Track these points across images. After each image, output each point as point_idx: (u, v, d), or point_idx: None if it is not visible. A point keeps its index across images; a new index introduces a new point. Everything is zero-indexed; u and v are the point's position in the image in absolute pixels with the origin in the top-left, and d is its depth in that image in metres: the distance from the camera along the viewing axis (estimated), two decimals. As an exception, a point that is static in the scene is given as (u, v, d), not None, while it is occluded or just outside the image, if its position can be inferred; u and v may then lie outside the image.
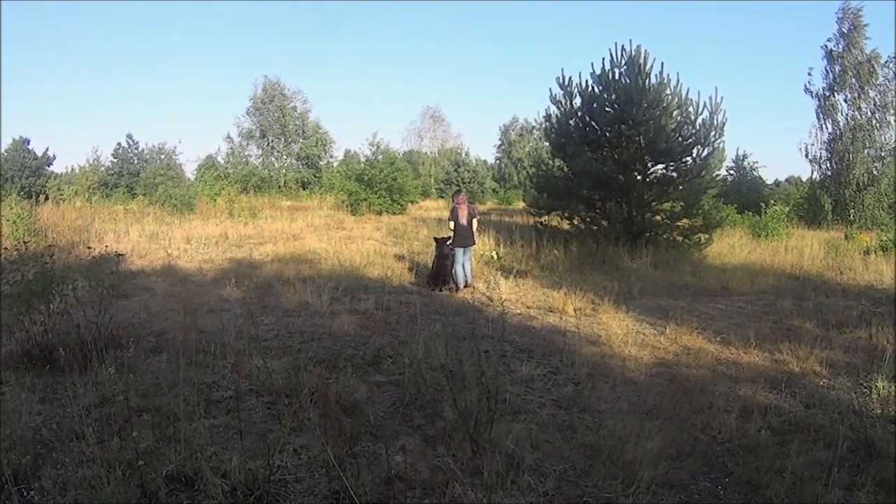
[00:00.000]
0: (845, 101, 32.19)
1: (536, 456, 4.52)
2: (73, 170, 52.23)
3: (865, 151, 31.54)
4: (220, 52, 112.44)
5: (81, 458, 4.22)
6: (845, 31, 31.95)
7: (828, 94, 32.55)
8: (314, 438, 4.54)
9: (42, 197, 31.31)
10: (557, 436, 4.97)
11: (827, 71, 32.69)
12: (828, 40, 32.68)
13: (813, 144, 33.39)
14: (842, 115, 32.34)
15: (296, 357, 6.51)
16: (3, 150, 45.15)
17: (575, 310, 9.82)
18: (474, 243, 12.56)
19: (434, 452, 4.49)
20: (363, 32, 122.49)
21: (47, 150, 48.51)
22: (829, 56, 32.51)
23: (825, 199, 32.02)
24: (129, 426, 4.31)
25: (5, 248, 8.14)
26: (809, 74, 33.58)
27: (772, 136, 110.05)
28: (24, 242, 8.32)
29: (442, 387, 5.36)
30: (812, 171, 34.49)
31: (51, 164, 49.09)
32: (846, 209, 31.34)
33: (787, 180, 60.73)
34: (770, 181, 52.11)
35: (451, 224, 12.24)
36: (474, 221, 12.40)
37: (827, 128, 32.82)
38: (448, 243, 12.02)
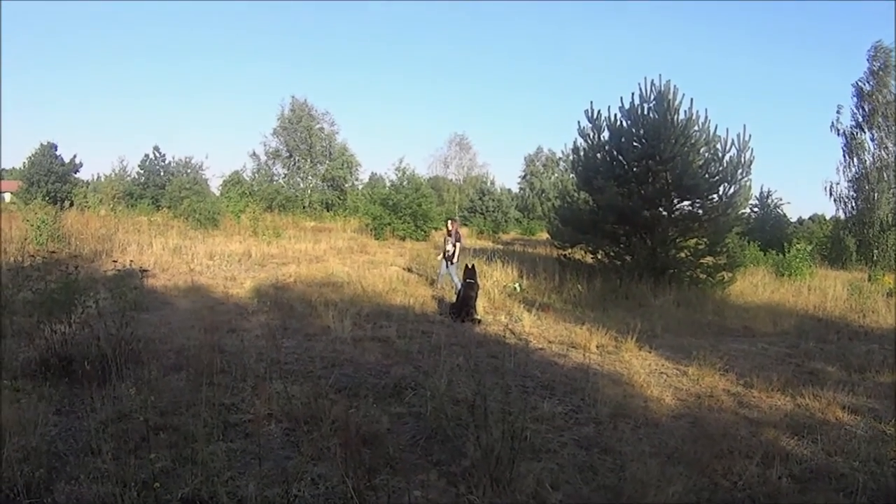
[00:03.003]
0: (872, 140, 31.91)
1: (557, 497, 4.41)
2: (98, 178, 52.86)
3: (891, 191, 31.19)
4: (250, 71, 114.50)
5: (96, 475, 4.18)
6: (875, 70, 31.71)
7: (856, 132, 32.28)
8: (333, 468, 4.47)
9: (67, 203, 31.65)
10: (578, 477, 4.85)
11: (856, 109, 32.45)
12: (859, 79, 32.52)
13: (838, 183, 33.11)
14: (868, 154, 32.06)
15: (316, 383, 6.43)
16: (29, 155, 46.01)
17: (597, 346, 9.71)
18: None
19: (455, 490, 4.39)
20: (393, 58, 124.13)
21: (75, 156, 49.06)
22: (860, 94, 32.26)
23: (848, 240, 31.61)
24: (146, 445, 4.26)
25: (30, 255, 8.16)
26: (838, 112, 33.29)
27: (795, 172, 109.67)
28: (52, 252, 8.36)
29: (463, 421, 5.27)
30: (837, 210, 34.22)
31: (77, 170, 49.61)
32: (870, 249, 30.97)
33: (810, 218, 60.21)
34: (793, 219, 51.76)
35: (458, 243, 15.14)
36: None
37: (853, 166, 32.54)
38: (450, 257, 15.10)
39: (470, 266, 12.45)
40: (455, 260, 15.33)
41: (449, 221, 16.09)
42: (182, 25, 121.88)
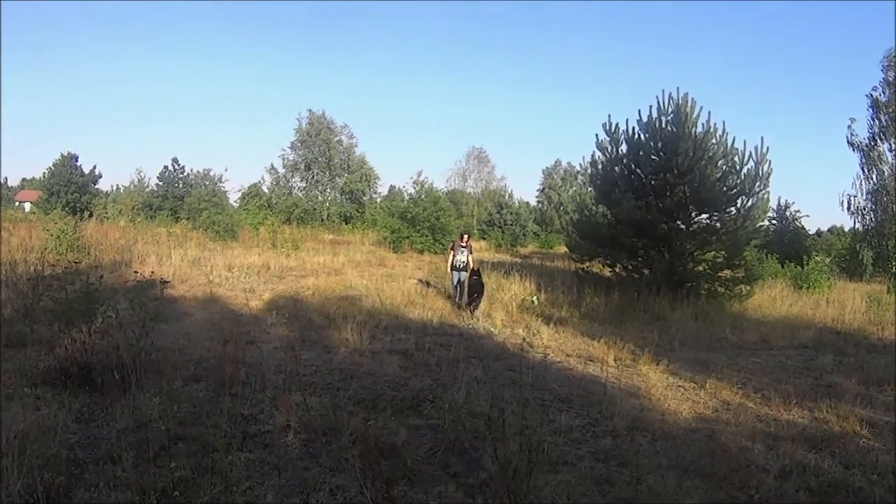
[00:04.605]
0: (890, 150, 31.35)
1: (574, 509, 4.39)
2: (117, 188, 53.30)
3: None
4: (269, 84, 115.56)
5: (115, 483, 4.22)
6: (891, 80, 31.11)
7: (873, 143, 31.70)
8: (351, 479, 4.47)
9: (86, 213, 31.91)
10: (595, 489, 4.83)
11: (872, 120, 31.84)
12: (873, 89, 31.89)
13: (856, 195, 32.53)
14: (886, 165, 31.47)
15: (335, 395, 6.45)
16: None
17: (615, 360, 9.66)
18: None
19: (472, 501, 4.40)
20: (412, 71, 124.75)
21: (94, 167, 49.50)
22: (875, 105, 31.68)
23: (865, 253, 31.04)
24: (165, 454, 4.27)
25: (49, 264, 8.22)
26: (850, 127, 32.63)
27: (814, 183, 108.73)
28: (75, 263, 8.43)
29: (481, 434, 5.27)
30: (854, 222, 33.55)
31: (97, 181, 50.07)
32: (888, 261, 30.46)
33: (829, 230, 59.49)
34: (812, 231, 51.08)
35: (473, 255, 15.35)
36: None
37: (871, 178, 31.97)
38: (464, 267, 15.04)
39: (475, 268, 13.84)
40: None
41: (465, 235, 16.08)
42: (200, 38, 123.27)
